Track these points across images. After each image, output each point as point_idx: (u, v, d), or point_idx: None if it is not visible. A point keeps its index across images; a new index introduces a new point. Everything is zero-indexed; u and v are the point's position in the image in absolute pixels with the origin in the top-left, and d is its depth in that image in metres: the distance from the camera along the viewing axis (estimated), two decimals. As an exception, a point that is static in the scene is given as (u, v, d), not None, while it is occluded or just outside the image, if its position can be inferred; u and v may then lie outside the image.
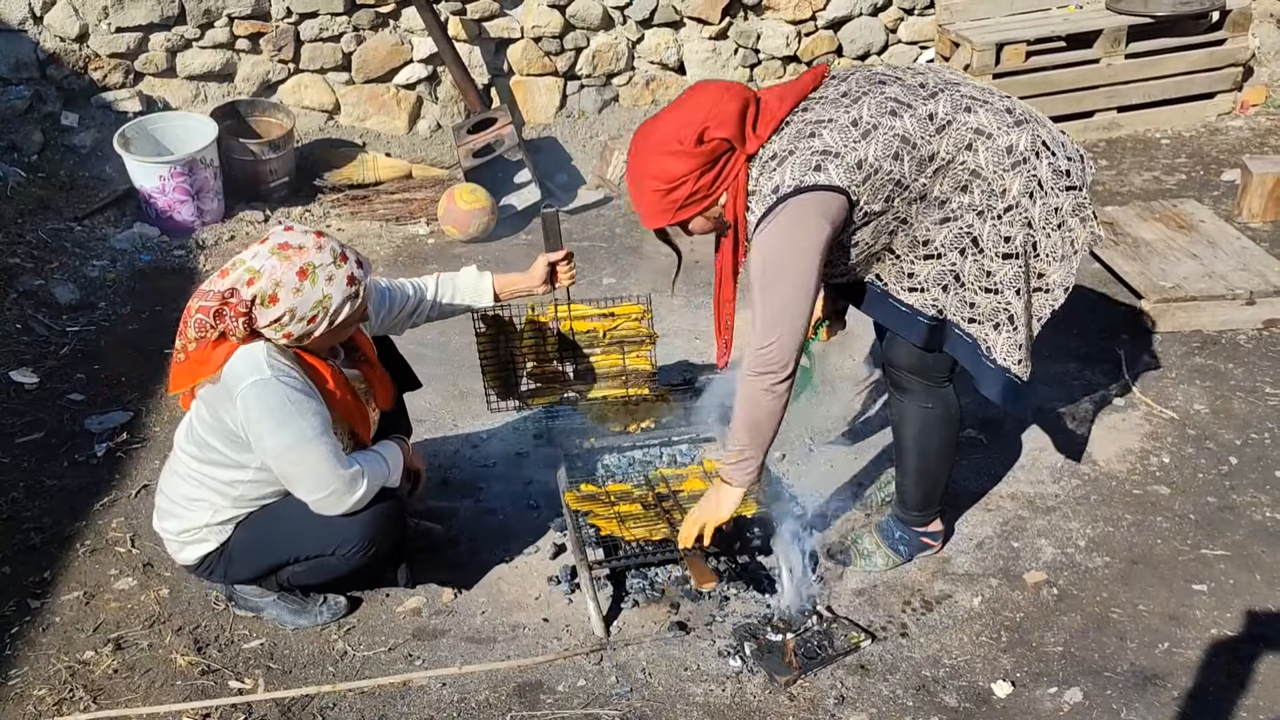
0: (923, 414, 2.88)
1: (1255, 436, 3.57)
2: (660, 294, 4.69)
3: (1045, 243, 2.58)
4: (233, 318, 2.51)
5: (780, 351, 2.52)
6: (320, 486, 2.63)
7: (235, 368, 2.56)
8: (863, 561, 3.10)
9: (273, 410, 2.54)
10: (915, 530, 3.09)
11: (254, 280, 2.51)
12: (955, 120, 2.50)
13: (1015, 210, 2.54)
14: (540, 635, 2.90)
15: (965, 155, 2.51)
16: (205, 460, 2.75)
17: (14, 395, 3.99)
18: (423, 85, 6.01)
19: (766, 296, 2.50)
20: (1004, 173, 2.51)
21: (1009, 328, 2.62)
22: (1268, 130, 6.02)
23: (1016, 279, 2.58)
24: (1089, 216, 2.59)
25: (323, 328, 2.58)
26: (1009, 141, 2.51)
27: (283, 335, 2.57)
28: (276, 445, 2.56)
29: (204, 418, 2.70)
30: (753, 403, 2.59)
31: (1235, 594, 2.94)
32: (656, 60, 6.21)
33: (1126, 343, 4.10)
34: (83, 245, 5.04)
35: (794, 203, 2.44)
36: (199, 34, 5.64)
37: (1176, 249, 4.49)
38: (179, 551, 2.88)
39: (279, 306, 2.51)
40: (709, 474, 3.26)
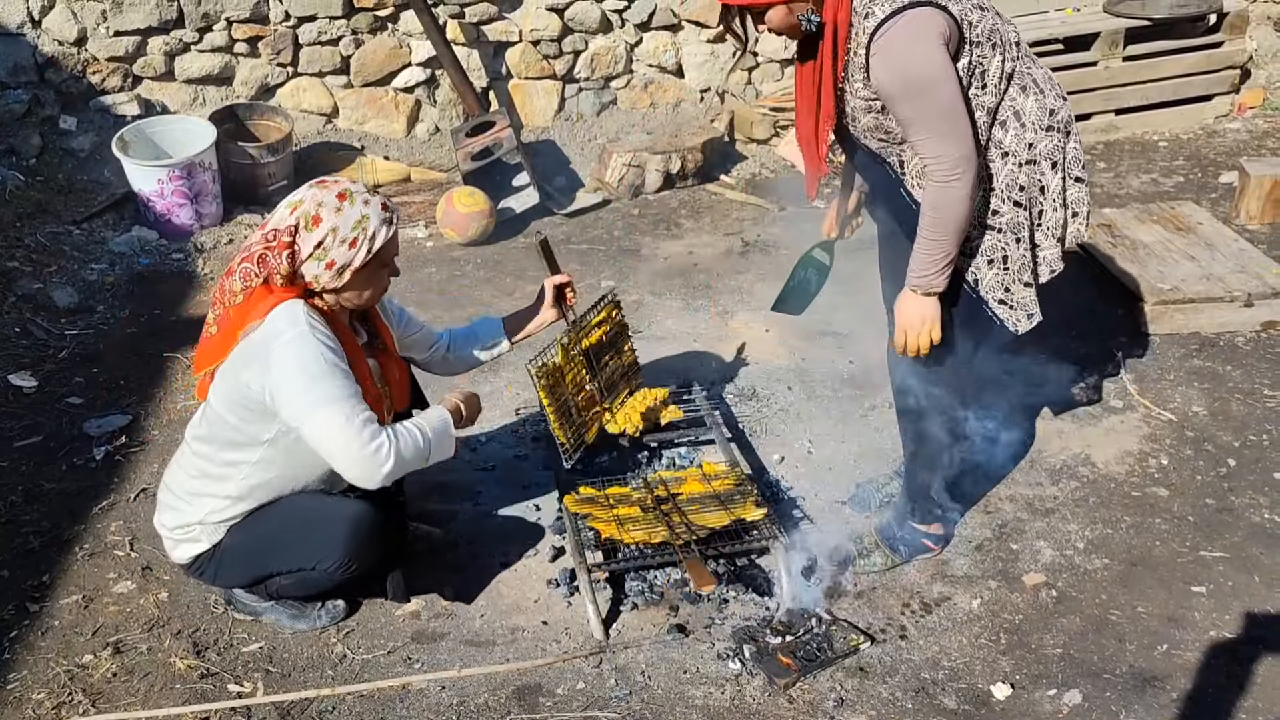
0: (924, 410, 2.94)
1: (1253, 438, 3.58)
2: (658, 297, 4.70)
3: (1050, 215, 2.70)
4: (276, 254, 2.56)
5: (960, 157, 2.51)
6: (347, 452, 2.56)
7: (274, 323, 2.56)
8: (862, 561, 3.10)
9: (307, 365, 2.53)
10: (917, 529, 3.10)
11: (295, 209, 2.59)
12: (1022, 59, 2.63)
13: (1035, 168, 2.66)
14: (539, 638, 2.90)
15: (1017, 94, 2.63)
16: (212, 440, 2.73)
17: (12, 399, 3.99)
18: (421, 88, 6.01)
19: (921, 106, 2.50)
20: (1040, 130, 2.64)
21: (1000, 266, 2.72)
22: (1265, 132, 6.03)
23: (1020, 228, 2.68)
24: (1083, 215, 2.74)
25: (362, 254, 2.59)
26: (1054, 105, 2.66)
27: (325, 264, 2.58)
28: (307, 402, 2.54)
29: (222, 391, 2.68)
30: (949, 203, 2.56)
31: (1234, 596, 2.94)
32: (655, 63, 6.21)
33: (1125, 345, 4.10)
34: (81, 249, 5.04)
35: (923, 13, 2.46)
36: (197, 38, 5.64)
37: (1174, 251, 4.49)
38: (174, 549, 2.89)
39: (322, 227, 2.56)
40: (708, 477, 3.26)
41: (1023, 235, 2.69)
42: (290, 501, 2.80)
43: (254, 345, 2.59)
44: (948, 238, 2.60)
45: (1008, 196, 2.67)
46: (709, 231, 5.35)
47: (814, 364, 4.13)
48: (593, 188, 5.84)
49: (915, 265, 2.66)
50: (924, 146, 2.55)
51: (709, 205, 5.64)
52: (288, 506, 2.79)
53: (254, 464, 2.72)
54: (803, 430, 3.74)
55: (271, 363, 2.55)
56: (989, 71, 2.59)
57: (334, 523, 2.76)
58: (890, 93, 2.54)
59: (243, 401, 2.65)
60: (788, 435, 3.72)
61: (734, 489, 3.19)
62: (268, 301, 2.59)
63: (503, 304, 4.71)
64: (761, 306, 4.57)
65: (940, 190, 2.56)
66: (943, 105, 2.50)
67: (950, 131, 2.52)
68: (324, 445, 2.58)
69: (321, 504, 2.81)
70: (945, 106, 2.51)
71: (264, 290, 2.60)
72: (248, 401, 2.64)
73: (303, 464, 2.74)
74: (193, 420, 2.87)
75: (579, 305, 3.30)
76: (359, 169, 5.77)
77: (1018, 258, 2.72)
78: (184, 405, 3.96)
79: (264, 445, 2.69)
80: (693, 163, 5.78)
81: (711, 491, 3.18)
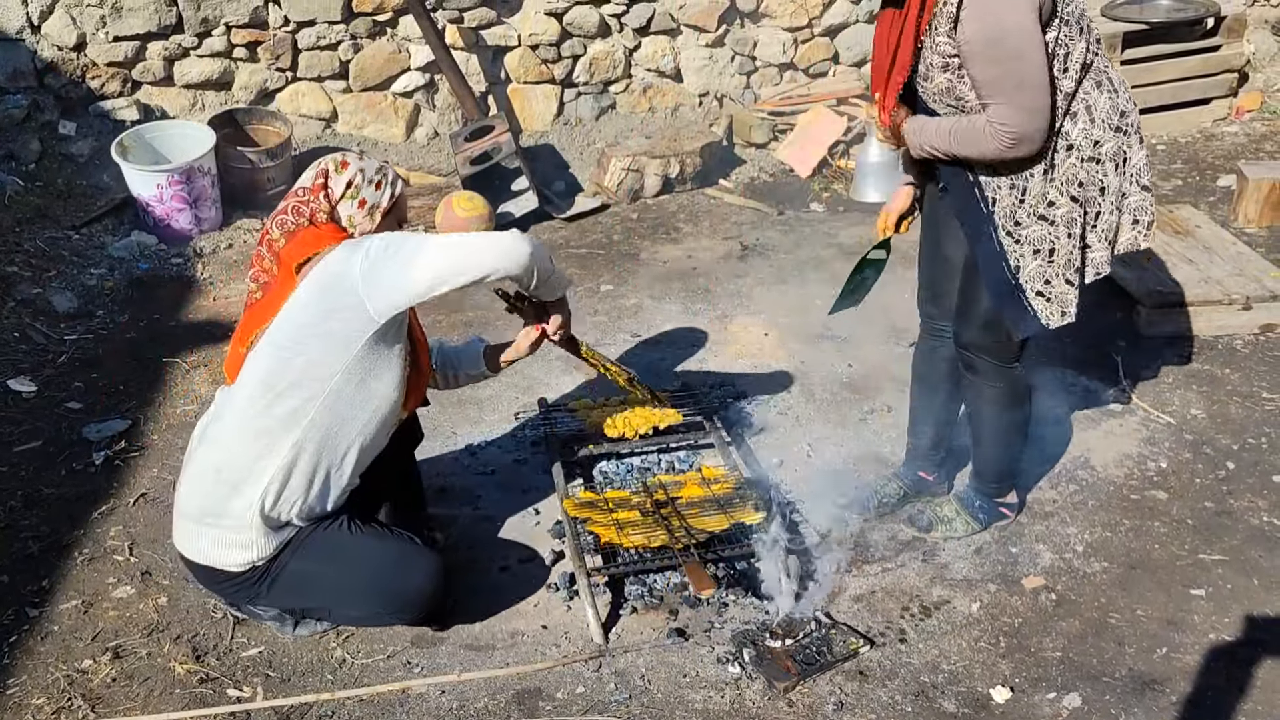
0: (992, 393, 3.01)
1: (1252, 441, 3.58)
2: (657, 300, 4.70)
3: (1106, 218, 2.72)
4: (313, 197, 2.77)
5: (1025, 133, 2.53)
6: (491, 244, 2.70)
7: (336, 255, 2.67)
8: (943, 527, 3.21)
9: (390, 242, 2.66)
10: (994, 500, 3.22)
11: (318, 165, 2.82)
12: (1102, 57, 2.67)
13: (1099, 167, 2.67)
14: (539, 642, 2.90)
15: (1092, 88, 2.63)
16: (271, 389, 2.67)
17: (12, 404, 3.99)
18: (420, 93, 6.02)
19: (1004, 71, 2.50)
20: (1109, 129, 2.65)
21: (1045, 259, 2.72)
22: (1263, 136, 6.04)
23: (1073, 224, 2.69)
24: (1144, 224, 2.75)
25: (387, 196, 2.83)
26: (1126, 107, 2.67)
27: (358, 203, 2.78)
28: (416, 245, 2.64)
29: (295, 322, 2.67)
30: (985, 150, 2.60)
31: (1233, 599, 2.95)
32: (653, 68, 6.23)
33: (1123, 348, 4.11)
34: (81, 254, 5.04)
35: None
36: (196, 43, 5.65)
37: (1173, 254, 4.50)
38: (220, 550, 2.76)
39: (349, 170, 2.79)
40: (707, 480, 3.26)
41: (1074, 231, 2.69)
42: (364, 542, 2.80)
43: (333, 259, 2.67)
44: (955, 151, 2.67)
45: (1066, 190, 2.67)
46: (708, 235, 5.36)
47: (813, 367, 4.13)
48: (591, 192, 5.84)
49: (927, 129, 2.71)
50: (995, 111, 2.55)
51: (708, 209, 5.65)
52: (363, 547, 2.80)
53: (324, 399, 2.67)
54: (802, 434, 3.74)
55: (367, 251, 2.64)
56: (1072, 56, 2.58)
57: (416, 576, 2.82)
58: (975, 50, 2.51)
59: (328, 312, 2.64)
60: (787, 439, 3.72)
61: (733, 493, 3.19)
62: (321, 234, 2.73)
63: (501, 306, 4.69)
64: (761, 310, 4.58)
65: (990, 143, 2.59)
66: (1024, 74, 2.50)
67: (1026, 105, 2.52)
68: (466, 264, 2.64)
69: (400, 551, 2.84)
70: (1027, 76, 2.50)
71: (313, 230, 2.75)
72: (334, 307, 2.64)
73: (374, 393, 2.74)
74: (228, 393, 2.79)
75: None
76: (358, 173, 5.77)
77: (1065, 252, 2.71)
78: (183, 410, 3.96)
79: (341, 372, 2.66)
80: (691, 167, 5.79)
81: (711, 495, 3.19)
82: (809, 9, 6.29)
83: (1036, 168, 2.66)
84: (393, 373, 2.78)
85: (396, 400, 2.82)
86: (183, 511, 2.83)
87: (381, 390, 2.77)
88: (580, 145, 6.16)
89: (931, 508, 3.26)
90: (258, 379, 2.71)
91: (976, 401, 3.07)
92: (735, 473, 3.33)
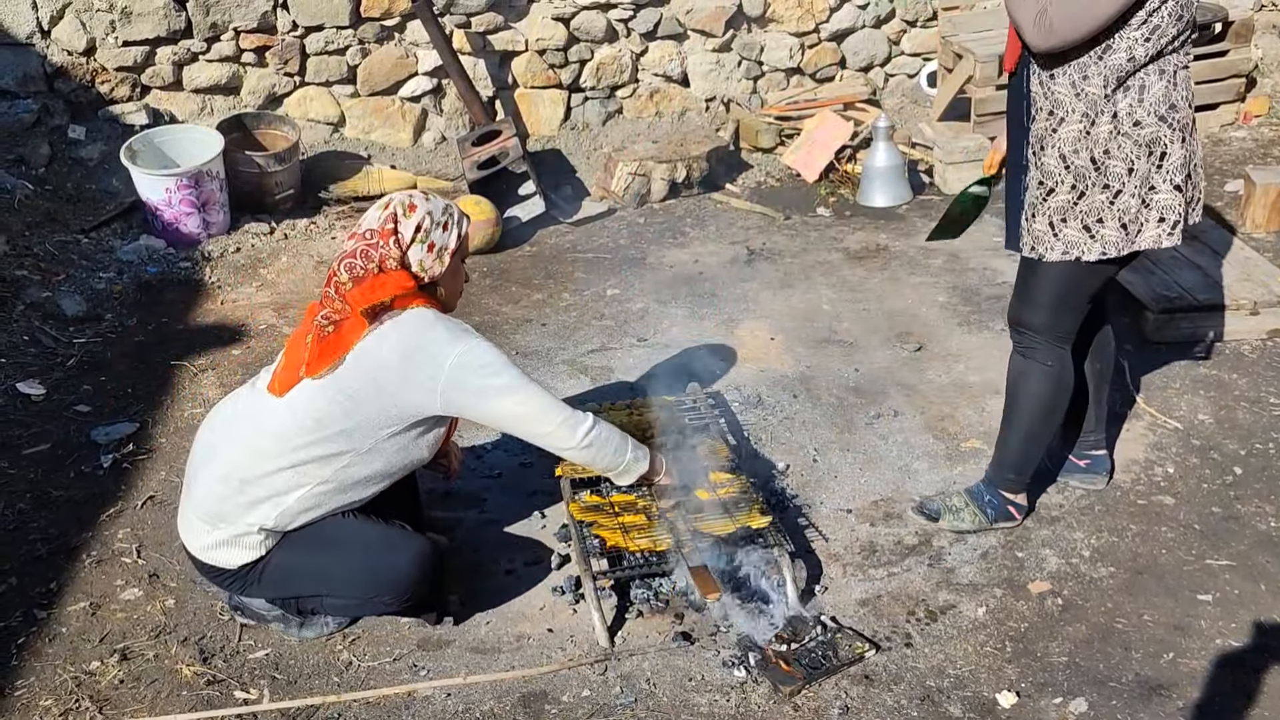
0: (1042, 372, 3.06)
1: (1260, 446, 3.57)
2: (663, 305, 4.71)
3: (1124, 200, 2.78)
4: (383, 241, 2.75)
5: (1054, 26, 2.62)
6: (550, 417, 2.83)
7: (433, 334, 2.73)
8: (951, 517, 3.25)
9: (488, 364, 2.75)
10: (1004, 495, 3.24)
11: (386, 207, 2.81)
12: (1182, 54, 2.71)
13: (1131, 144, 2.72)
14: (545, 645, 2.90)
15: (1155, 73, 2.67)
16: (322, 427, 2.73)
17: (21, 407, 4.01)
18: (427, 98, 6.03)
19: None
20: (1153, 115, 2.70)
21: (1044, 193, 2.84)
22: (1271, 140, 6.03)
23: (1081, 178, 2.78)
24: (1170, 223, 2.79)
25: (455, 237, 2.83)
26: (1178, 101, 2.71)
27: (427, 247, 2.78)
28: (501, 386, 2.76)
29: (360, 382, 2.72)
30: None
31: (1240, 604, 2.94)
32: (660, 72, 6.24)
33: (1130, 353, 4.10)
34: (89, 257, 5.07)
35: None
36: (205, 47, 5.67)
37: (1180, 259, 4.49)
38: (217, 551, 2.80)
39: (418, 212, 2.79)
40: (713, 484, 3.26)
41: (1080, 187, 2.79)
42: (350, 527, 2.84)
43: (434, 337, 2.73)
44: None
45: (1090, 150, 2.76)
46: (714, 240, 5.36)
47: (819, 372, 4.13)
48: (598, 196, 5.85)
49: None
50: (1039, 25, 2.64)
51: (714, 214, 5.65)
52: (349, 532, 2.83)
53: (366, 452, 2.77)
54: (808, 438, 3.75)
55: (445, 369, 2.71)
56: (1160, 30, 2.62)
57: (400, 557, 2.83)
58: None
59: (405, 382, 2.71)
60: (792, 443, 3.73)
61: (739, 497, 3.19)
62: (390, 285, 2.73)
63: (508, 311, 4.72)
64: (767, 315, 4.59)
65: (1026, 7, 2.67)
66: None
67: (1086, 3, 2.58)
68: (525, 426, 2.85)
69: (385, 535, 2.86)
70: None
71: (381, 277, 2.74)
72: (413, 381, 2.72)
73: (411, 453, 2.85)
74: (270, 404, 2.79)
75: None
76: (365, 178, 5.80)
77: (1061, 198, 2.83)
78: (191, 413, 3.97)
79: (391, 434, 2.78)
80: (698, 171, 5.80)
81: (717, 499, 3.19)
82: (815, 14, 6.30)
83: (1079, 114, 2.74)
84: (435, 437, 2.89)
85: (429, 458, 2.95)
86: (195, 507, 2.85)
87: (419, 452, 2.89)
88: (587, 150, 6.17)
89: (942, 497, 3.31)
90: (313, 416, 2.75)
91: (1020, 381, 3.13)
92: (741, 477, 3.33)
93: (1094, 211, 2.80)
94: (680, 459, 3.21)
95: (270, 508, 2.77)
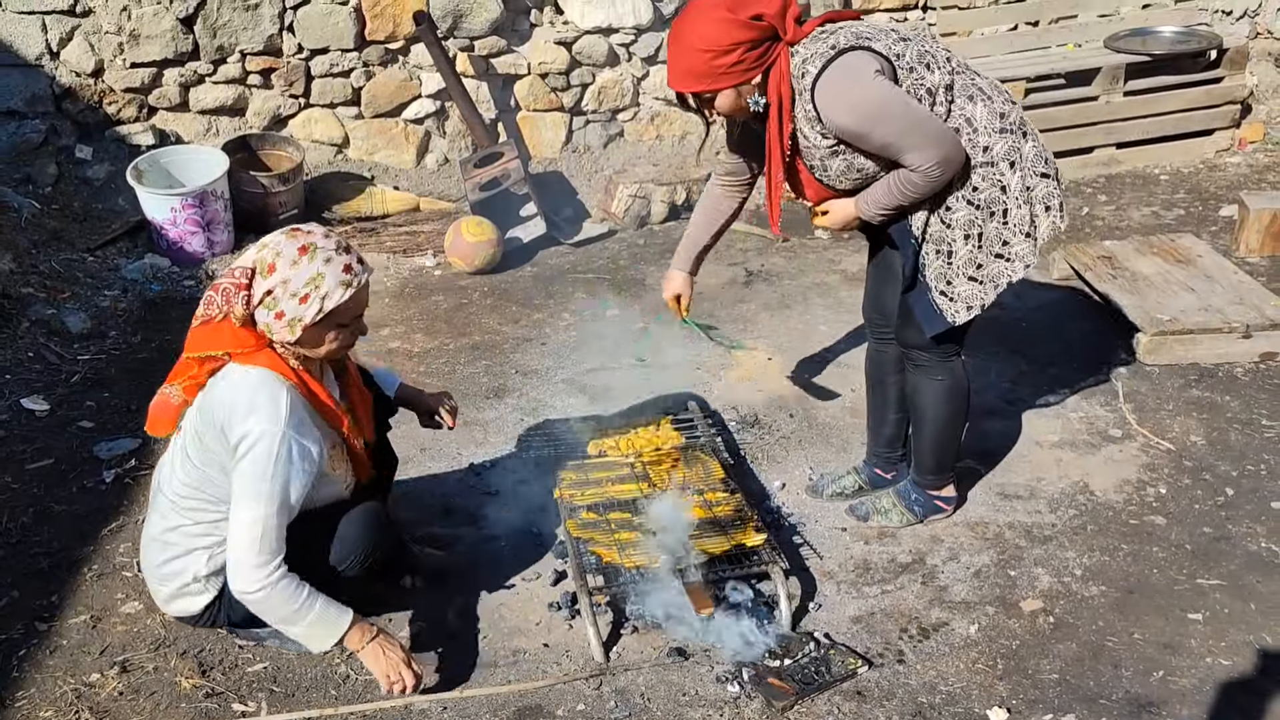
0: (933, 386, 3.18)
1: (1251, 468, 3.60)
2: (662, 325, 4.75)
3: (1015, 213, 2.91)
4: (235, 293, 2.59)
5: (944, 155, 2.75)
6: (252, 552, 2.60)
7: (255, 399, 2.59)
8: (879, 518, 3.39)
9: (254, 470, 2.59)
10: (930, 493, 3.37)
11: (260, 252, 2.62)
12: (962, 74, 2.86)
13: (993, 169, 2.86)
14: (540, 660, 2.93)
15: (965, 103, 2.82)
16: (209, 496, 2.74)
17: (25, 422, 4.05)
18: (431, 120, 6.10)
19: (889, 128, 2.72)
20: (993, 133, 2.84)
21: (944, 259, 2.95)
22: (1266, 167, 6.09)
23: (970, 225, 2.90)
24: (1055, 207, 2.93)
25: (312, 311, 2.58)
26: (1003, 110, 2.85)
27: (275, 314, 2.58)
28: (243, 489, 2.60)
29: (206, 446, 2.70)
30: (929, 189, 2.82)
31: (1230, 623, 2.96)
32: (661, 96, 6.30)
33: (1124, 375, 4.14)
34: (94, 275, 5.12)
35: (852, 55, 2.69)
36: (212, 69, 5.74)
37: (1174, 282, 4.53)
38: (173, 604, 2.93)
39: (274, 276, 2.57)
40: (709, 503, 3.29)
41: (972, 233, 2.91)
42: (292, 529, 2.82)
43: (223, 407, 2.62)
44: (906, 202, 2.87)
45: (962, 197, 2.89)
46: (712, 261, 5.38)
47: (815, 392, 4.17)
48: (599, 218, 5.91)
49: (873, 200, 2.90)
50: (910, 159, 2.75)
51: (714, 236, 5.70)
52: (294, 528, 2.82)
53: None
54: (804, 457, 3.78)
55: (233, 439, 2.60)
56: (928, 86, 2.78)
57: (348, 522, 2.83)
58: (854, 129, 2.74)
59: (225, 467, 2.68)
60: (789, 462, 3.76)
61: (734, 515, 3.23)
62: (224, 340, 2.61)
63: (508, 330, 4.77)
64: (764, 335, 4.63)
65: (925, 183, 2.80)
66: (907, 118, 2.72)
67: (931, 139, 2.73)
68: (234, 530, 2.62)
69: (325, 514, 2.85)
70: (909, 118, 2.72)
71: (228, 327, 2.61)
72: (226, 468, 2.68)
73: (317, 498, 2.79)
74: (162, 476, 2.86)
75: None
76: (369, 198, 5.86)
77: (963, 254, 2.93)
78: (193, 429, 4.01)
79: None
80: (698, 194, 5.85)
81: (712, 517, 3.22)
82: (815, 39, 6.37)
83: None
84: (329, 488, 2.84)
85: (343, 493, 2.90)
86: (145, 567, 2.97)
87: (329, 489, 2.82)
88: (588, 172, 6.23)
89: (871, 499, 3.44)
90: (189, 484, 2.76)
91: (919, 395, 3.23)
92: (737, 495, 3.36)
93: (997, 240, 2.92)
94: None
95: (200, 558, 2.83)
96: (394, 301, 5.12)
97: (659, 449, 3.58)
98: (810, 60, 2.74)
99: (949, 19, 6.42)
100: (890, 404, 3.41)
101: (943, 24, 6.43)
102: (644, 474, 3.46)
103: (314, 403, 2.71)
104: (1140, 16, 6.50)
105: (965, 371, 3.21)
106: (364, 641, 2.70)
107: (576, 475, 3.47)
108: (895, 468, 3.52)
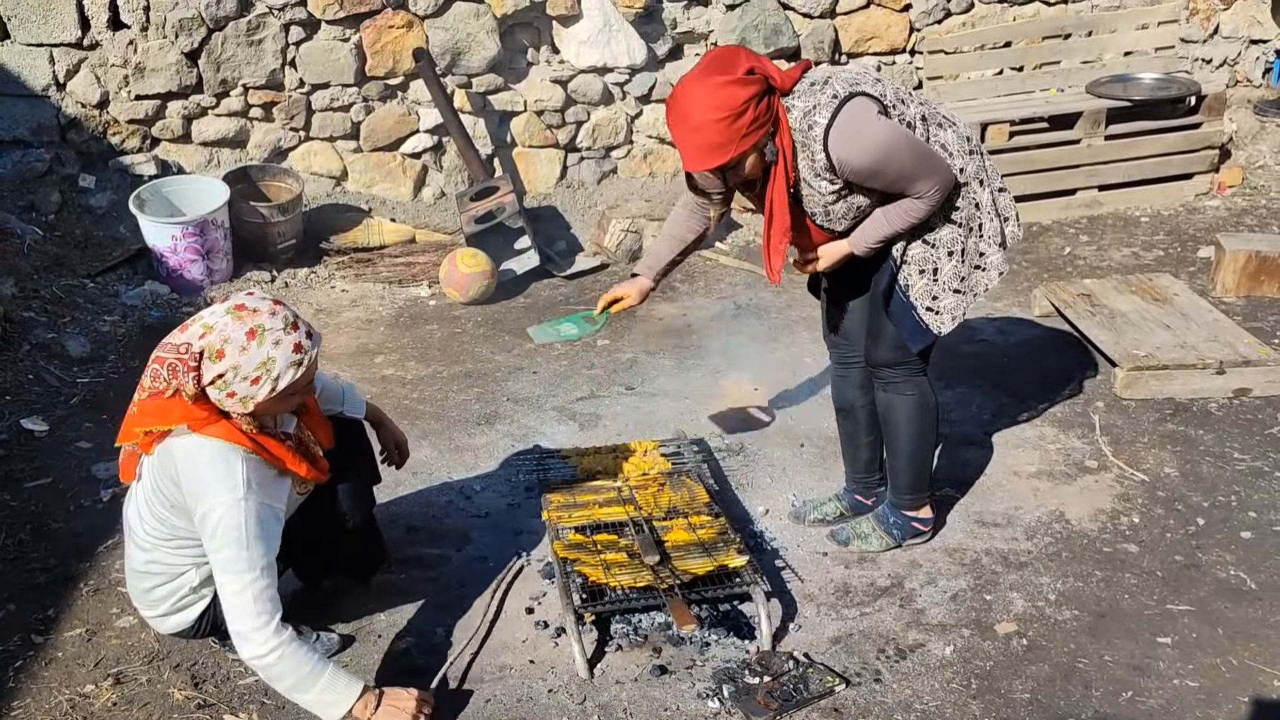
0: (904, 402, 3.28)
1: (1222, 499, 3.70)
2: (652, 355, 4.85)
3: (989, 226, 3.11)
4: (183, 371, 2.56)
5: (947, 178, 2.93)
6: (248, 619, 2.59)
7: (212, 473, 2.59)
8: (859, 542, 3.47)
9: (217, 532, 2.59)
10: (907, 515, 3.45)
11: (206, 334, 2.58)
12: (926, 105, 3.04)
13: (968, 188, 3.04)
14: (526, 676, 2.99)
15: (937, 130, 3.00)
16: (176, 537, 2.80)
17: (24, 442, 4.12)
18: (428, 154, 6.23)
19: (901, 162, 2.85)
20: (965, 154, 3.02)
21: (930, 277, 3.09)
22: (1243, 210, 6.23)
23: (954, 243, 3.06)
24: (1013, 218, 3.18)
25: (265, 391, 2.58)
26: (967, 134, 3.08)
27: (227, 394, 2.57)
28: (221, 564, 2.60)
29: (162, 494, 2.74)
30: (925, 214, 2.96)
31: (1198, 647, 3.04)
32: (654, 134, 6.44)
33: (1101, 409, 4.24)
34: (95, 301, 5.21)
35: (854, 102, 2.83)
36: (215, 102, 5.87)
37: (1151, 320, 4.65)
38: (164, 623, 2.97)
39: (224, 362, 2.55)
40: (693, 526, 3.37)
41: (955, 249, 3.07)
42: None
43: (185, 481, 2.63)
44: (903, 229, 3.00)
45: (945, 216, 3.05)
46: (703, 294, 5.52)
47: (800, 421, 4.26)
48: (591, 251, 6.02)
49: (869, 235, 3.03)
50: (917, 188, 2.90)
51: (703, 270, 5.82)
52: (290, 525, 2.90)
53: None
54: (787, 484, 3.86)
55: (199, 513, 2.61)
56: (910, 121, 2.95)
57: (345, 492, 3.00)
58: (870, 169, 2.87)
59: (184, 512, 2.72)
60: (772, 489, 3.84)
61: (717, 538, 3.30)
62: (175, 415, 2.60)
63: (501, 360, 4.86)
64: (750, 367, 4.72)
65: (925, 208, 2.95)
66: (913, 150, 2.88)
67: (935, 167, 2.90)
68: (226, 604, 2.62)
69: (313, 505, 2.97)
70: (915, 149, 2.88)
71: (179, 403, 2.59)
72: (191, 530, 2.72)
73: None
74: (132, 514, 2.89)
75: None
76: (365, 230, 5.97)
77: (948, 270, 3.08)
78: (189, 451, 4.08)
79: None
80: (689, 229, 5.96)
81: (696, 540, 3.30)
82: (805, 81, 6.52)
83: None
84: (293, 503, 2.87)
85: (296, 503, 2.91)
86: (132, 595, 3.02)
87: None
88: (582, 207, 6.35)
89: (852, 524, 3.52)
90: (159, 527, 2.80)
91: (890, 413, 3.33)
92: (720, 519, 3.44)
93: (975, 252, 3.11)
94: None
95: (188, 576, 2.88)
96: (389, 330, 5.22)
97: (645, 474, 3.67)
98: (814, 112, 2.83)
99: (935, 63, 6.58)
100: (862, 427, 3.51)
101: (929, 68, 6.58)
102: (630, 497, 3.54)
103: (272, 460, 2.71)
104: (1122, 63, 6.66)
105: (933, 387, 3.33)
106: (371, 708, 2.70)
107: (564, 498, 3.56)
108: (874, 493, 3.61)
